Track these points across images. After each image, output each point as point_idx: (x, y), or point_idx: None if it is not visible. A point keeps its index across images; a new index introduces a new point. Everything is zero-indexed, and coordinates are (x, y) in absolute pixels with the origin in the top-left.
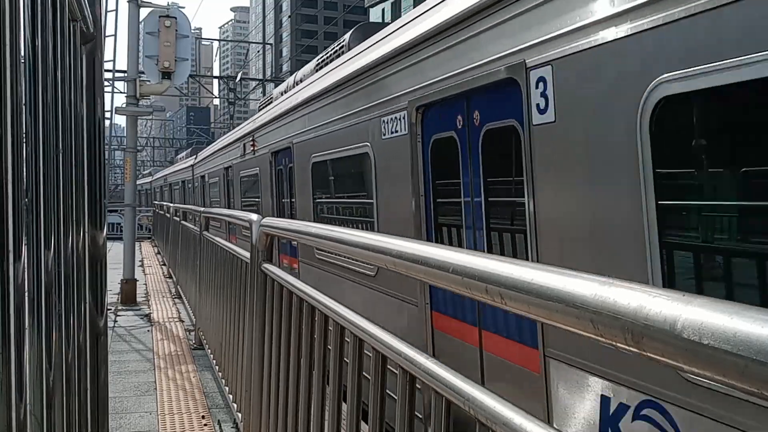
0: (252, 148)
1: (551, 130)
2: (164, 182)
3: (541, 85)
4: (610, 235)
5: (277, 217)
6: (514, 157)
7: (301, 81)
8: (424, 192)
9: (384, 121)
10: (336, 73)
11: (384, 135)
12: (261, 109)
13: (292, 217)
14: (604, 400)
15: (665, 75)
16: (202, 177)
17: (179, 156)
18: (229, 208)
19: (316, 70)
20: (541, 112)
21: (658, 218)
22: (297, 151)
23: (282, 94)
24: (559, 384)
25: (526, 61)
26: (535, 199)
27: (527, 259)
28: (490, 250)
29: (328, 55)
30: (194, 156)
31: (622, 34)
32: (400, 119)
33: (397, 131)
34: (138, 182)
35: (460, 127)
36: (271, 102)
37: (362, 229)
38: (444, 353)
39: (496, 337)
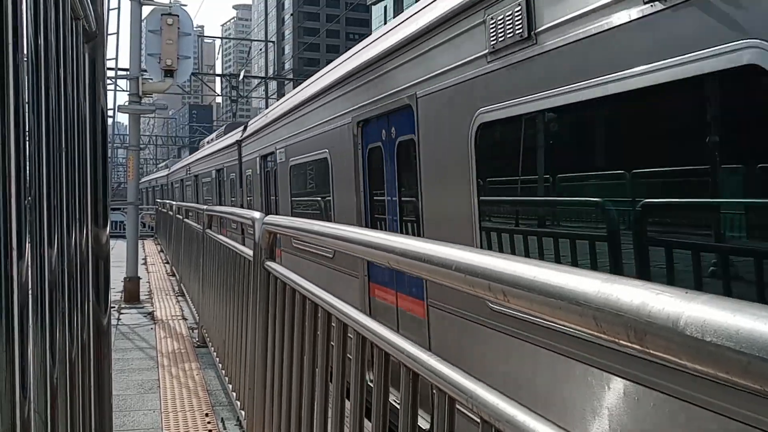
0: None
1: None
2: (186, 174)
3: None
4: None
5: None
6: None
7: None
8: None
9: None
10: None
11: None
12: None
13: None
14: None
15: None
16: (265, 158)
17: (208, 139)
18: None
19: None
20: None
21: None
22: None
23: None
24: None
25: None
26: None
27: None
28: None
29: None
30: (240, 129)
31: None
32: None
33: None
34: (149, 178)
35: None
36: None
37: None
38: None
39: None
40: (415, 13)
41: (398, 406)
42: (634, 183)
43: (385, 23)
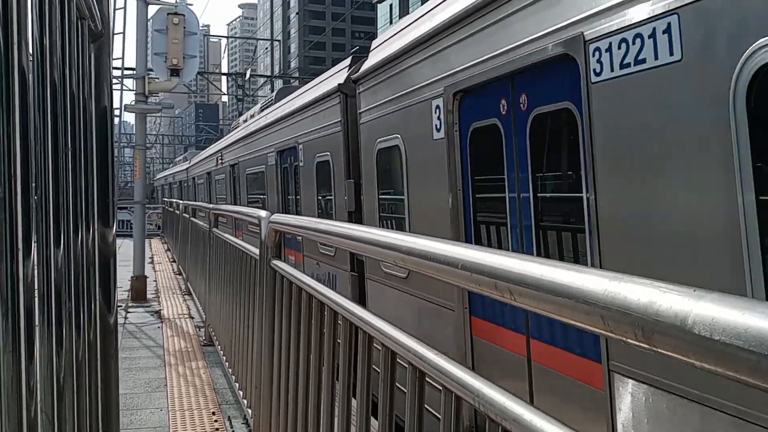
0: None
1: None
2: (218, 164)
3: None
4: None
5: None
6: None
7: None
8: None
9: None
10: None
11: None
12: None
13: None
14: None
15: None
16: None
17: (246, 115)
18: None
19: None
20: None
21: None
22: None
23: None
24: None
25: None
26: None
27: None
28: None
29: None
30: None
31: None
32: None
33: None
34: (164, 174)
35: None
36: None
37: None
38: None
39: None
40: None
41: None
42: None
43: (391, 22)
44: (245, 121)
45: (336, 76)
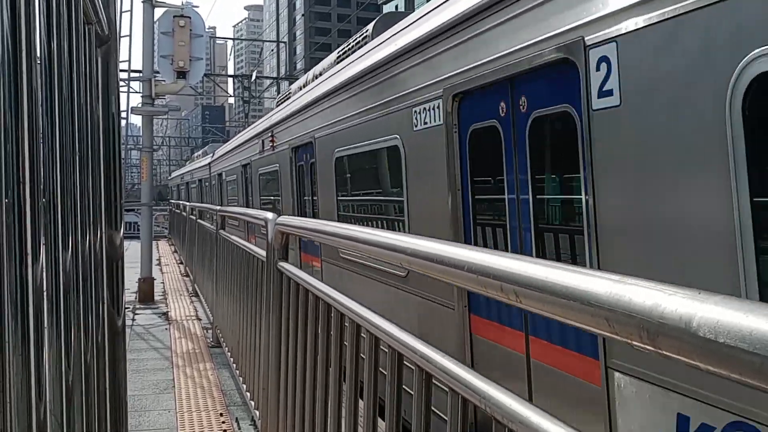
0: None
1: None
2: (261, 153)
3: None
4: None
5: None
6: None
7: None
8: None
9: None
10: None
11: None
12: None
13: None
14: None
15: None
16: None
17: (306, 78)
18: None
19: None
20: None
21: None
22: None
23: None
24: None
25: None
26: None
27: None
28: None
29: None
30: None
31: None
32: None
33: None
34: (180, 172)
35: None
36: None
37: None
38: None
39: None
40: None
41: (412, 406)
42: None
43: None
44: (302, 87)
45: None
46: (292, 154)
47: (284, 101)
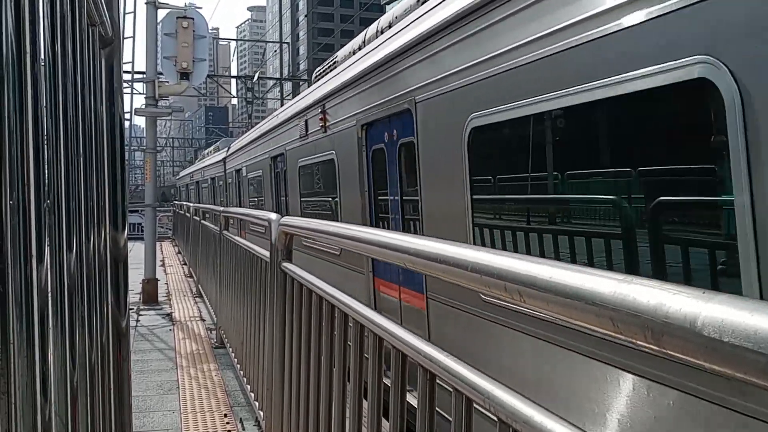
0: None
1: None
2: (303, 139)
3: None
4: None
5: None
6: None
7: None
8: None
9: None
10: None
11: None
12: None
13: None
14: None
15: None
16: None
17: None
18: None
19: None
20: None
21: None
22: None
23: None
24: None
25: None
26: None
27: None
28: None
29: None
30: None
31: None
32: None
33: None
34: (190, 170)
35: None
36: None
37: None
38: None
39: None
40: None
41: (416, 406)
42: None
43: None
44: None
45: None
46: (362, 133)
47: (327, 73)
